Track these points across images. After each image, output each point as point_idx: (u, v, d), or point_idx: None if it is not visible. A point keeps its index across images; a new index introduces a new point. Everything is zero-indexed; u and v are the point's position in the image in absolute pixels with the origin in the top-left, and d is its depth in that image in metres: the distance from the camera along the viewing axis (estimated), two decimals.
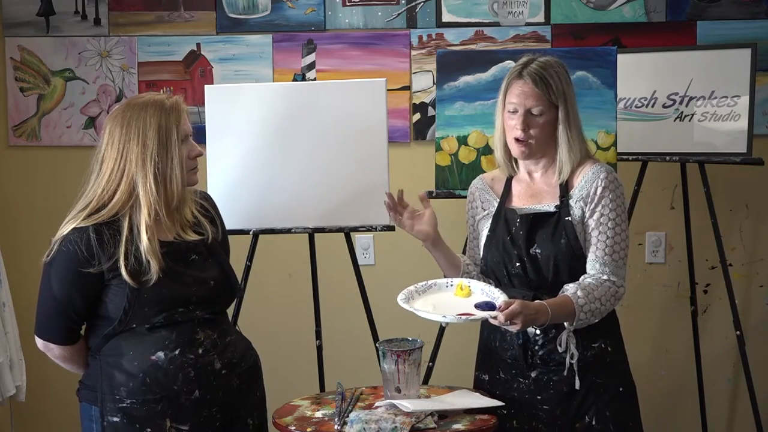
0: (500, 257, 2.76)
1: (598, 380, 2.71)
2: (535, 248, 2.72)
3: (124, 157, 2.53)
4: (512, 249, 2.74)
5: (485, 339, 2.86)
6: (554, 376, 2.70)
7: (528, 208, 2.77)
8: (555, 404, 2.71)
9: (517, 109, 2.72)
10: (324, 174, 3.46)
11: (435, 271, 4.09)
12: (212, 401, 2.55)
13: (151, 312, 2.51)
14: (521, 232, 2.73)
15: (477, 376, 2.90)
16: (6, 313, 3.71)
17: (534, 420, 2.72)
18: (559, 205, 2.73)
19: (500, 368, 2.79)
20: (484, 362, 2.87)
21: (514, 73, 2.75)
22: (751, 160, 3.60)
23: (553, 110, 2.73)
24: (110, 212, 2.52)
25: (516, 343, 2.73)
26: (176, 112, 2.57)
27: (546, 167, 2.80)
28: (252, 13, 4.18)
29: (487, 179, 2.92)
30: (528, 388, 2.73)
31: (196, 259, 2.62)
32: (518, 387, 2.75)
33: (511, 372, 2.76)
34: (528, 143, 2.72)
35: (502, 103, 2.78)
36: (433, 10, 4.12)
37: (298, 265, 3.91)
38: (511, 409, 2.72)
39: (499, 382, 2.79)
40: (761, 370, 4.00)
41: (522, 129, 2.71)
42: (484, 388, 2.82)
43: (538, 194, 2.79)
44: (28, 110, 4.25)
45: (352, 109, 3.46)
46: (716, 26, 4.02)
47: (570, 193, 2.74)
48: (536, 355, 2.71)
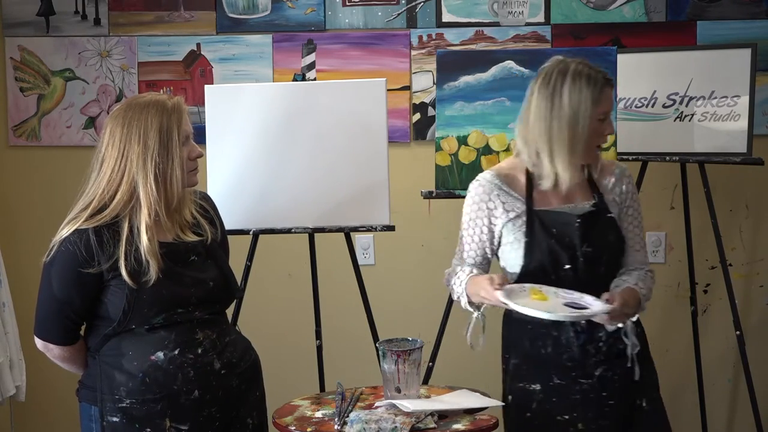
0: (546, 260, 2.68)
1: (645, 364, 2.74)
2: (586, 247, 2.67)
3: (125, 157, 2.53)
4: (561, 250, 2.67)
5: (527, 349, 2.75)
6: (618, 370, 2.68)
7: (568, 208, 2.72)
8: (619, 398, 2.68)
9: (608, 116, 2.71)
10: (324, 174, 3.46)
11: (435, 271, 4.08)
12: (212, 401, 2.55)
13: (150, 312, 2.51)
14: (573, 233, 2.67)
15: (522, 387, 2.75)
16: (6, 313, 3.71)
17: (600, 418, 2.68)
18: (597, 203, 2.72)
19: (554, 374, 2.70)
20: (531, 372, 2.74)
21: (602, 81, 2.69)
22: (751, 160, 3.60)
23: None
24: (112, 213, 2.52)
25: (575, 344, 2.68)
26: (177, 112, 2.57)
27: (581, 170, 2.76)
28: (252, 13, 4.18)
29: (503, 177, 2.77)
30: (592, 387, 2.68)
31: (195, 260, 2.61)
32: (581, 389, 2.68)
33: (570, 375, 2.69)
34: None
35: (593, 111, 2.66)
36: (433, 10, 4.12)
37: (298, 265, 3.91)
38: (574, 413, 2.67)
39: (555, 388, 2.70)
40: (761, 370, 4.00)
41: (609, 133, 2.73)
42: (534, 399, 2.72)
43: (570, 193, 2.74)
44: (28, 110, 4.25)
45: (352, 109, 3.46)
46: (716, 26, 4.02)
47: (601, 189, 2.75)
48: (600, 351, 2.67)
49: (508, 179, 2.76)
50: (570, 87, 2.66)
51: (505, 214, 2.73)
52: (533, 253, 2.69)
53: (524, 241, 2.70)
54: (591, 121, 2.66)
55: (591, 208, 2.72)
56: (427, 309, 4.05)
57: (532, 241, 2.69)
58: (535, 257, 2.69)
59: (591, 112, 2.66)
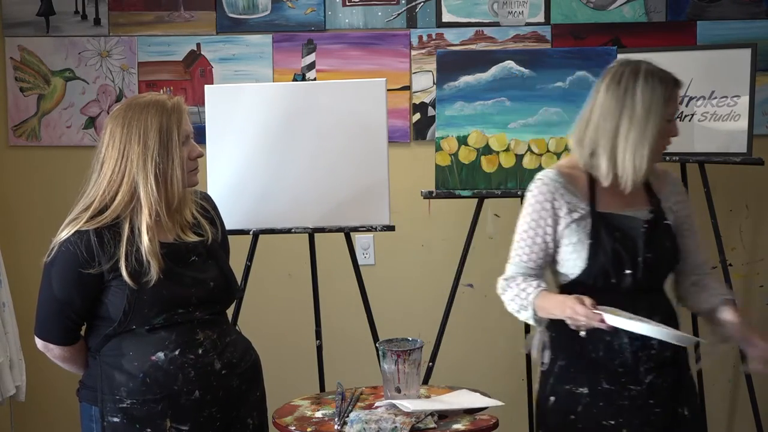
0: (609, 264, 2.63)
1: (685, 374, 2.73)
2: (647, 253, 2.64)
3: (126, 157, 2.52)
4: (624, 255, 2.63)
5: (577, 351, 2.67)
6: (668, 377, 2.66)
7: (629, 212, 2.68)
8: (665, 406, 2.65)
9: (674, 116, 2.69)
10: (324, 174, 3.46)
11: (435, 271, 4.10)
12: (212, 401, 2.55)
13: (150, 313, 2.51)
14: (638, 238, 2.64)
15: (568, 390, 2.69)
16: (6, 313, 3.71)
17: (646, 425, 2.65)
18: (655, 210, 2.69)
19: (604, 379, 2.65)
20: (580, 375, 2.68)
21: (672, 83, 2.66)
22: (751, 160, 3.60)
23: None
24: (113, 214, 2.51)
25: (628, 350, 2.63)
26: (177, 112, 2.57)
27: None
28: (252, 13, 4.18)
29: (566, 177, 2.69)
30: (641, 393, 2.64)
31: (195, 261, 2.61)
32: (630, 395, 2.64)
33: (619, 381, 2.65)
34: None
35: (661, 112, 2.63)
36: (433, 10, 4.12)
37: (298, 265, 3.91)
38: (620, 419, 2.64)
39: (603, 393, 2.65)
40: None
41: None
42: (581, 402, 2.67)
43: (629, 198, 2.69)
44: (28, 110, 4.25)
45: (352, 109, 3.46)
46: (716, 26, 4.02)
47: (659, 196, 2.71)
48: (651, 359, 2.64)
49: (570, 178, 2.69)
50: (643, 86, 2.61)
51: (569, 214, 2.66)
52: (597, 256, 2.63)
53: (588, 243, 2.63)
54: (661, 120, 2.62)
55: (650, 214, 2.68)
56: (427, 309, 4.05)
57: (596, 244, 2.63)
58: (598, 260, 2.63)
59: (662, 112, 2.62)
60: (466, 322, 4.11)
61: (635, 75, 2.63)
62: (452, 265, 3.68)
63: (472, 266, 3.78)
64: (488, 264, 4.15)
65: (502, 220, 4.11)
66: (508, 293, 2.70)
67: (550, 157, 3.51)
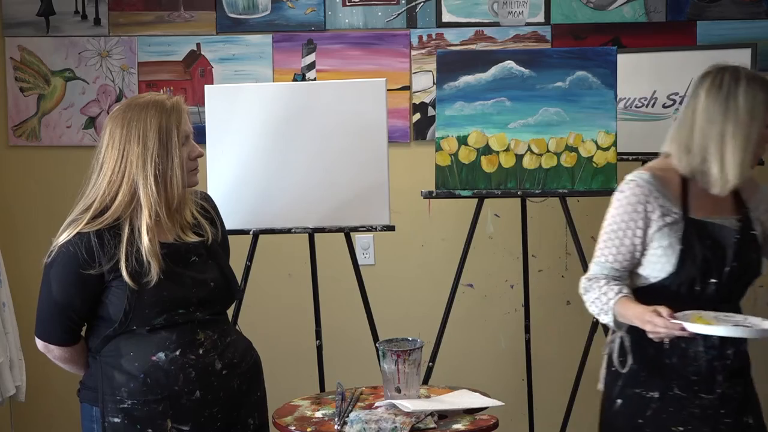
0: (697, 273, 2.61)
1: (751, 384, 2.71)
2: (734, 262, 2.61)
3: (125, 158, 2.52)
4: (713, 264, 2.61)
5: (651, 356, 2.64)
6: (738, 387, 2.65)
7: (719, 220, 2.64)
8: (735, 416, 2.64)
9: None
10: (324, 174, 3.46)
11: (435, 271, 4.10)
12: (213, 402, 2.55)
13: (151, 313, 2.50)
14: (729, 247, 2.62)
15: (638, 394, 2.66)
16: (6, 313, 3.71)
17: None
18: (742, 219, 2.65)
19: (676, 385, 2.64)
20: (651, 379, 2.66)
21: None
22: None
23: None
24: (114, 215, 2.51)
25: (703, 358, 2.62)
26: (177, 112, 2.57)
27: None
28: (252, 13, 4.18)
29: (660, 179, 2.65)
30: (712, 403, 2.62)
31: (196, 261, 2.61)
32: (701, 403, 2.63)
33: (692, 389, 2.63)
34: None
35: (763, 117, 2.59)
36: (433, 10, 4.12)
37: (298, 265, 3.91)
38: (689, 426, 2.62)
39: (674, 399, 2.63)
40: (761, 370, 3.99)
41: None
42: (650, 406, 2.65)
43: (719, 205, 2.66)
44: (28, 110, 4.25)
45: (352, 109, 3.46)
46: (716, 26, 4.02)
47: (749, 206, 2.67)
48: (726, 369, 2.62)
49: (664, 181, 2.64)
50: (745, 90, 2.57)
51: (661, 218, 2.61)
52: (686, 262, 2.60)
53: (679, 249, 2.60)
54: (762, 126, 2.60)
55: (738, 223, 2.65)
56: (427, 309, 4.05)
57: (687, 250, 2.60)
58: (687, 266, 2.60)
59: (764, 117, 2.59)
60: (466, 322, 4.11)
61: (736, 79, 2.59)
62: (452, 265, 3.68)
63: (472, 266, 3.79)
64: (488, 264, 4.16)
65: (502, 220, 4.11)
66: (590, 294, 2.66)
67: (550, 157, 3.51)
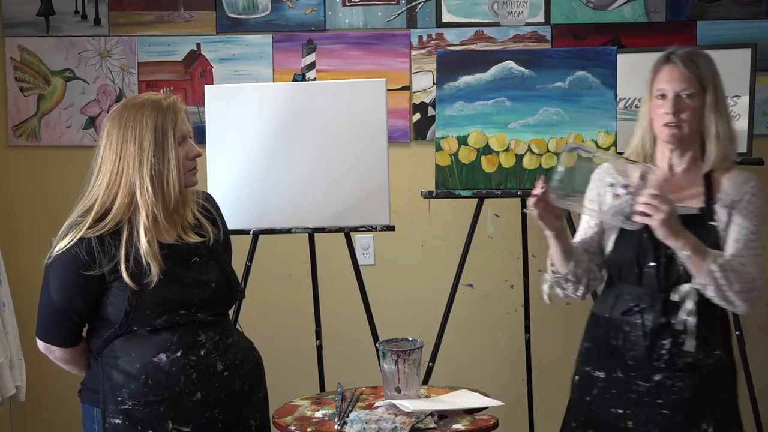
0: (633, 255, 2.65)
1: (716, 387, 2.65)
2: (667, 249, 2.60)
3: (122, 159, 2.52)
4: (650, 247, 2.63)
5: (602, 336, 2.72)
6: (679, 382, 2.62)
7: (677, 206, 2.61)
8: (676, 410, 2.62)
9: (666, 93, 2.64)
10: (324, 174, 3.46)
11: (435, 271, 4.10)
12: (214, 403, 2.55)
13: (152, 314, 2.50)
14: None
15: (587, 372, 2.74)
16: (6, 313, 3.71)
17: (651, 423, 2.64)
18: (705, 208, 2.64)
19: (619, 368, 2.67)
20: (599, 359, 2.72)
21: (662, 59, 2.68)
22: (751, 160, 3.60)
23: (702, 95, 2.65)
24: (115, 218, 2.50)
25: (641, 344, 2.64)
26: (173, 112, 2.56)
27: (690, 162, 2.70)
28: (252, 13, 4.18)
29: (619, 167, 2.72)
30: (649, 391, 2.64)
31: (197, 261, 2.61)
32: (637, 389, 2.65)
33: (630, 373, 2.66)
34: (680, 126, 2.63)
35: (648, 92, 2.69)
36: (433, 10, 4.12)
37: (298, 265, 3.91)
38: (627, 410, 2.65)
39: (617, 381, 2.67)
40: (761, 370, 4.00)
41: (672, 113, 2.63)
42: (596, 385, 2.71)
43: (680, 191, 2.67)
44: (28, 110, 4.25)
45: (352, 109, 3.46)
46: (716, 26, 4.02)
47: (716, 196, 2.65)
48: (662, 358, 2.62)
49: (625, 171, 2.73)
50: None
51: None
52: (623, 245, 2.67)
53: (619, 230, 2.68)
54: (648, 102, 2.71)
55: (693, 210, 2.64)
56: (427, 309, 4.05)
57: (626, 231, 2.65)
58: (623, 249, 2.67)
59: (646, 95, 2.71)
60: (466, 322, 4.11)
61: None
62: (452, 265, 3.68)
63: (472, 266, 3.79)
64: (488, 264, 4.16)
65: (502, 220, 4.11)
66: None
67: (550, 156, 3.52)
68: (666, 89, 2.65)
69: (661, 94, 2.66)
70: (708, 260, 2.53)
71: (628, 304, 2.66)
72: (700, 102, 2.65)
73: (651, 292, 2.63)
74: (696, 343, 2.60)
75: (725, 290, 2.54)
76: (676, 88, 2.64)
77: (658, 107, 2.66)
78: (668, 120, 2.63)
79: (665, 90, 2.65)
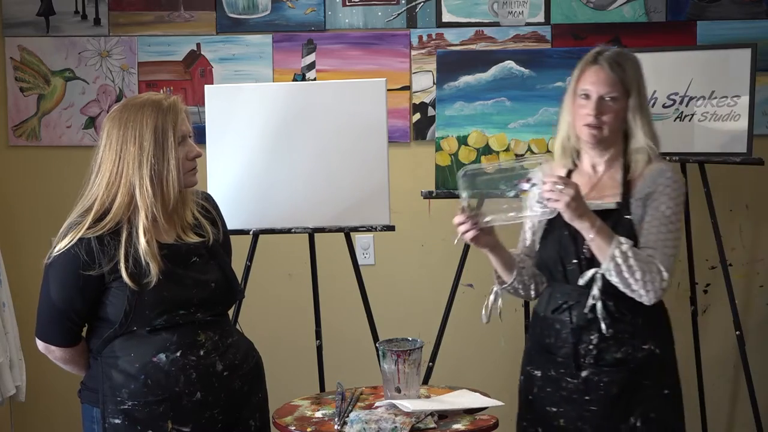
0: (556, 253, 2.72)
1: (645, 382, 2.69)
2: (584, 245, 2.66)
3: (122, 159, 2.52)
4: (570, 245, 2.69)
5: (538, 335, 2.80)
6: (605, 377, 2.68)
7: (596, 203, 2.69)
8: (603, 406, 2.68)
9: (590, 94, 2.69)
10: (324, 174, 3.46)
11: (435, 271, 4.10)
12: (214, 403, 2.55)
13: (151, 314, 2.50)
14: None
15: (528, 371, 2.83)
16: (6, 313, 3.71)
17: (580, 420, 2.70)
18: (621, 203, 2.69)
19: (552, 366, 2.75)
20: (536, 358, 2.81)
21: (589, 59, 2.72)
22: (751, 160, 3.60)
23: (626, 99, 2.70)
24: (114, 219, 2.50)
25: (569, 341, 2.70)
26: (173, 112, 2.56)
27: (611, 161, 2.75)
28: (252, 13, 4.18)
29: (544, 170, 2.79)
30: (577, 387, 2.70)
31: (196, 261, 2.61)
32: (567, 386, 2.72)
33: (561, 371, 2.73)
34: (600, 128, 2.68)
35: (572, 91, 2.73)
36: (433, 10, 4.12)
37: (298, 265, 3.91)
38: (560, 408, 2.72)
39: (551, 379, 2.75)
40: (761, 370, 4.00)
41: (594, 114, 2.67)
42: (535, 384, 2.78)
43: (601, 189, 2.73)
44: (28, 110, 4.25)
45: (352, 109, 3.46)
46: (716, 26, 4.02)
47: (633, 191, 2.70)
48: (589, 354, 2.68)
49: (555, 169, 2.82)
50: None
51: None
52: (547, 243, 2.75)
53: (544, 230, 2.76)
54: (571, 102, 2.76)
55: (610, 206, 2.69)
56: (427, 309, 4.05)
57: (549, 231, 2.74)
58: (548, 247, 2.75)
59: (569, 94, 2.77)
60: (466, 322, 4.10)
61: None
62: (452, 265, 3.68)
63: (472, 266, 3.78)
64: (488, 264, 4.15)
65: None
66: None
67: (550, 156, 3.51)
68: (590, 90, 2.70)
69: (585, 94, 2.70)
70: (612, 245, 2.58)
71: (557, 302, 2.74)
72: (623, 105, 2.70)
73: (578, 288, 2.69)
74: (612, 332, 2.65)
75: (627, 277, 2.60)
76: (601, 90, 2.69)
77: (581, 107, 2.71)
78: (589, 121, 2.69)
79: (589, 91, 2.70)
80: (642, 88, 2.73)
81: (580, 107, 2.70)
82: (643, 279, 2.61)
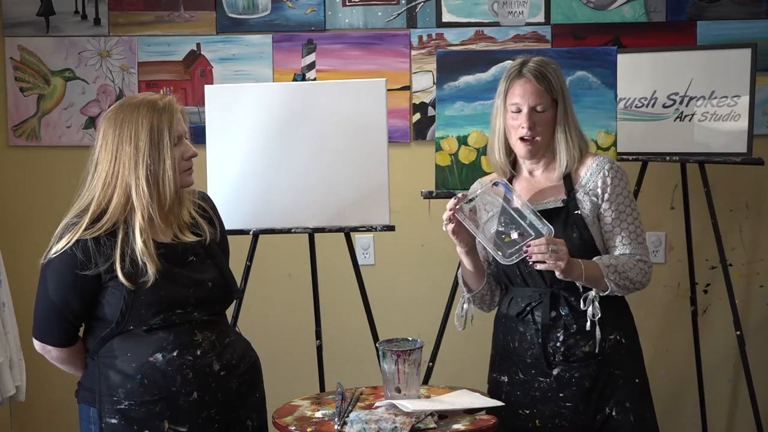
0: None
1: (616, 372, 2.74)
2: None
3: (118, 159, 2.52)
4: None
5: (501, 341, 2.86)
6: (576, 373, 2.72)
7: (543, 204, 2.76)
8: (578, 400, 2.73)
9: (521, 108, 2.75)
10: (324, 174, 3.46)
11: (435, 271, 4.10)
12: (211, 403, 2.55)
13: (148, 314, 2.50)
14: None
15: (494, 378, 2.89)
16: (6, 313, 3.71)
17: (557, 417, 2.74)
18: (567, 200, 2.75)
19: (519, 369, 2.79)
20: (501, 364, 2.86)
21: (513, 73, 2.78)
22: (751, 160, 3.60)
23: (554, 107, 2.77)
24: (111, 219, 2.50)
25: (536, 341, 2.74)
26: (169, 112, 2.55)
27: (547, 164, 2.82)
28: (252, 13, 4.18)
29: (485, 182, 2.86)
30: (550, 386, 2.74)
31: (193, 261, 2.61)
32: (539, 386, 2.76)
33: (531, 372, 2.76)
34: (534, 141, 2.75)
35: (502, 105, 2.80)
36: (433, 10, 4.12)
37: (298, 265, 3.91)
38: (534, 409, 2.75)
39: (519, 383, 2.79)
40: (761, 370, 4.00)
41: (528, 127, 2.73)
42: (503, 390, 2.82)
43: (541, 191, 2.80)
44: (28, 110, 4.25)
45: (352, 109, 3.46)
46: (716, 26, 4.02)
47: (576, 187, 2.76)
48: (558, 351, 2.72)
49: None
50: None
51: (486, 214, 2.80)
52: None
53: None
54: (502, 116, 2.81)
55: (559, 204, 2.75)
56: (427, 309, 4.05)
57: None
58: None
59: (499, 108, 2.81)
60: None
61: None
62: (452, 265, 3.67)
63: None
64: None
65: None
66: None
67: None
68: (520, 103, 2.76)
69: (516, 108, 2.76)
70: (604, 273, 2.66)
71: (520, 306, 2.79)
72: (553, 113, 2.77)
73: (539, 289, 2.75)
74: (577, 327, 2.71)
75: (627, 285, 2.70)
76: (530, 102, 2.75)
77: (513, 119, 2.77)
78: (523, 134, 2.75)
79: (520, 104, 2.76)
80: (566, 91, 2.80)
81: (513, 120, 2.76)
82: (638, 279, 2.71)
